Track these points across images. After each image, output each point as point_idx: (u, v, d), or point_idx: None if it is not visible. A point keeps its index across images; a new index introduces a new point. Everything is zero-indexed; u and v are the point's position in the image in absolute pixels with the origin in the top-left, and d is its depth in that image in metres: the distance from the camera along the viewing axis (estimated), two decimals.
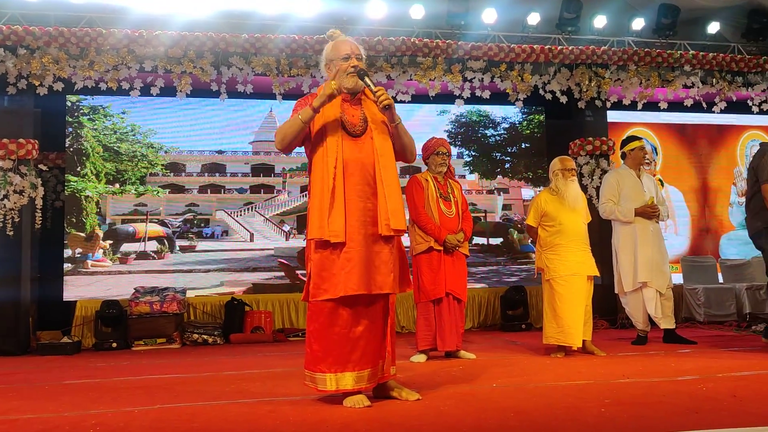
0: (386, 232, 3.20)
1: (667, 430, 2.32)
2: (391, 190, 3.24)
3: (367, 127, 3.31)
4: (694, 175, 9.29)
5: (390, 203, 3.22)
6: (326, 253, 3.18)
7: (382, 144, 3.30)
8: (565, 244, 5.14)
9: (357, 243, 3.17)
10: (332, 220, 3.14)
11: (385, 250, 3.25)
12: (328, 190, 3.16)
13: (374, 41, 7.17)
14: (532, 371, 4.31)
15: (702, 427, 2.35)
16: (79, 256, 7.61)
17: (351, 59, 3.33)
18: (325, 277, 3.17)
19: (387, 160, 3.28)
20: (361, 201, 3.21)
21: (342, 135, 3.25)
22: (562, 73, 7.79)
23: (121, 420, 3.00)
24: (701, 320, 7.74)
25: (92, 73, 6.84)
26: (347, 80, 3.31)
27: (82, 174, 7.68)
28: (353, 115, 3.32)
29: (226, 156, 8.27)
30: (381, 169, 3.25)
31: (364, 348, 3.19)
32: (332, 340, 3.16)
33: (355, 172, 3.21)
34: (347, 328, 3.17)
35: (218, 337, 6.99)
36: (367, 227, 3.20)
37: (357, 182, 3.21)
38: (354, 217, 3.18)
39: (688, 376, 3.91)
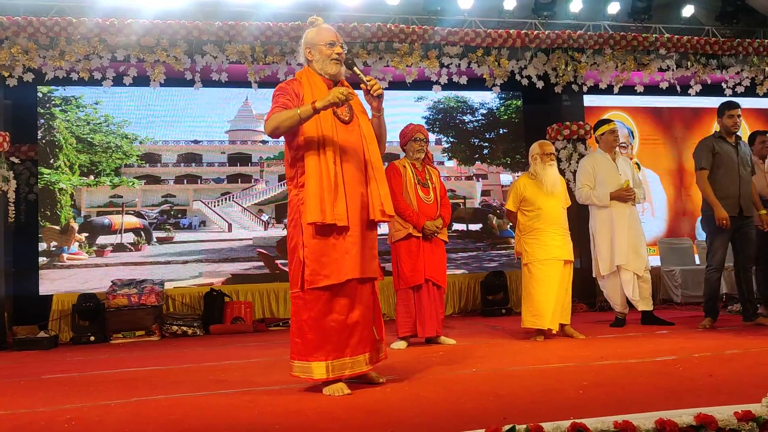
0: (380, 218, 3.26)
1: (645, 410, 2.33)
2: (380, 176, 3.31)
3: (353, 114, 3.36)
4: (670, 157, 9.35)
5: (382, 189, 3.28)
6: (325, 238, 3.16)
7: (369, 131, 3.36)
8: (543, 229, 5.16)
9: (358, 227, 3.21)
10: (337, 204, 3.14)
11: (373, 234, 3.34)
12: (328, 176, 3.14)
13: (350, 27, 7.12)
14: (511, 355, 4.33)
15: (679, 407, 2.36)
16: (54, 250, 7.51)
17: (336, 46, 3.35)
18: (325, 262, 3.14)
19: (374, 147, 3.35)
20: (357, 186, 3.25)
21: (335, 122, 3.26)
22: (539, 57, 7.80)
23: (97, 414, 2.96)
24: (678, 302, 7.82)
25: (63, 63, 6.73)
26: (331, 66, 3.33)
27: (55, 166, 7.57)
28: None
29: (202, 146, 8.19)
30: (371, 156, 3.31)
31: (361, 333, 3.23)
32: (330, 327, 3.15)
33: (348, 157, 3.24)
34: (344, 314, 3.18)
35: (198, 328, 6.94)
36: (363, 212, 3.25)
37: (352, 168, 3.24)
38: (354, 201, 3.21)
39: (666, 356, 3.95)
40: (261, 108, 8.30)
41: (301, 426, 2.57)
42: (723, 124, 5.62)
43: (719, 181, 5.50)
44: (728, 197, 5.46)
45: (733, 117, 5.56)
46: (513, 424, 2.08)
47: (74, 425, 2.76)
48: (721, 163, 5.51)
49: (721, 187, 5.48)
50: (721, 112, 5.64)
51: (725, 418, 2.18)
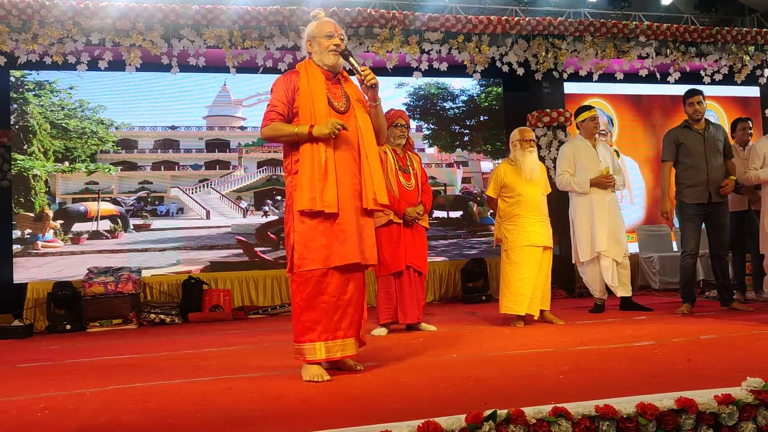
0: (372, 206, 3.32)
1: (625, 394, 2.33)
2: (375, 166, 3.36)
3: (350, 104, 3.42)
4: (649, 145, 9.41)
5: (376, 179, 3.34)
6: (313, 224, 3.22)
7: (365, 122, 3.41)
8: (523, 215, 5.16)
9: (348, 215, 3.26)
10: (326, 192, 3.20)
11: (369, 223, 3.39)
12: (319, 163, 3.21)
13: (329, 12, 7.03)
14: (491, 341, 4.32)
15: (658, 390, 2.37)
16: (28, 237, 7.38)
17: (334, 38, 3.40)
18: (312, 248, 3.21)
19: (370, 138, 3.41)
20: (349, 175, 3.30)
21: (330, 111, 3.32)
22: (519, 44, 7.78)
23: (72, 402, 2.91)
24: (657, 288, 7.89)
25: (36, 46, 6.58)
26: (328, 57, 3.39)
27: (29, 152, 7.42)
28: (335, 93, 3.41)
29: (180, 131, 8.07)
30: (365, 146, 3.36)
31: (352, 316, 3.29)
32: (322, 309, 3.21)
33: (342, 146, 3.30)
34: (336, 296, 3.23)
35: (176, 316, 6.87)
36: (355, 200, 3.30)
37: (345, 157, 3.30)
38: (345, 189, 3.27)
39: (644, 341, 3.97)
40: (239, 93, 8.21)
41: (280, 412, 2.54)
42: (686, 112, 5.71)
43: (687, 170, 5.58)
44: (696, 185, 5.54)
45: (692, 105, 5.63)
46: (494, 409, 2.07)
47: (48, 414, 2.71)
48: (687, 152, 5.59)
49: (689, 175, 5.56)
50: (683, 100, 5.74)
51: (706, 401, 2.18)
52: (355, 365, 3.39)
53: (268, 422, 2.40)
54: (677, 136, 5.68)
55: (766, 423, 2.22)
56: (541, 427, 2.06)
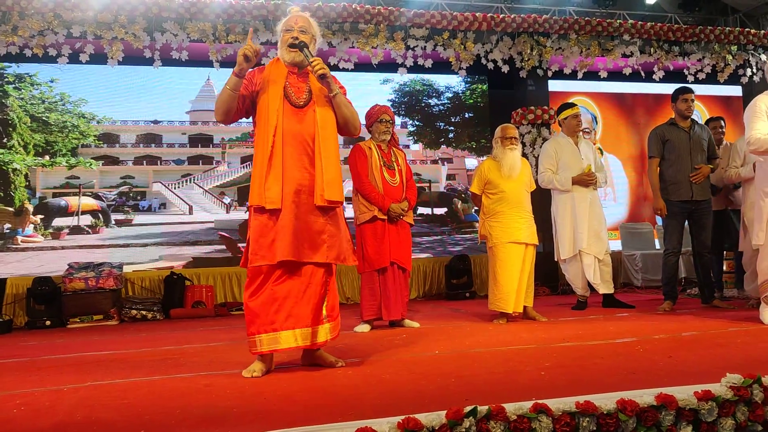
0: (320, 203, 3.26)
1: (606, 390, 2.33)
2: (328, 162, 3.29)
3: (311, 99, 3.36)
4: (633, 143, 9.46)
5: (326, 174, 3.27)
6: (264, 219, 3.25)
7: (324, 116, 3.34)
8: (506, 212, 5.16)
9: (290, 211, 3.22)
10: (269, 187, 3.21)
11: (320, 220, 3.30)
12: (266, 159, 3.22)
13: (314, 7, 7.02)
14: (474, 338, 4.32)
15: (638, 387, 2.37)
16: (8, 232, 7.29)
17: (293, 31, 3.37)
18: (262, 243, 3.23)
19: (328, 132, 3.33)
20: (298, 171, 3.26)
21: (284, 105, 3.29)
22: (504, 42, 7.79)
23: (48, 399, 2.86)
24: (639, 285, 7.94)
25: (16, 38, 6.49)
26: (286, 53, 3.38)
27: (8, 146, 7.32)
28: (299, 87, 3.36)
29: (162, 126, 8.00)
30: (320, 141, 3.29)
31: (291, 309, 3.22)
32: (261, 302, 3.23)
33: (293, 142, 3.26)
34: (275, 290, 3.23)
35: (158, 312, 6.81)
36: (302, 196, 3.26)
37: (295, 152, 3.26)
38: (290, 185, 3.24)
39: (626, 338, 3.98)
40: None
41: (260, 409, 2.51)
42: (677, 109, 5.73)
43: (671, 167, 5.62)
44: (680, 182, 5.59)
45: (686, 101, 5.67)
46: (475, 405, 2.05)
47: (23, 410, 2.67)
48: (673, 149, 5.62)
49: (673, 172, 5.61)
50: (675, 96, 5.77)
51: (685, 397, 2.18)
52: (336, 361, 3.37)
53: (247, 419, 2.38)
54: (663, 132, 5.71)
55: (744, 419, 2.22)
56: (521, 424, 2.05)
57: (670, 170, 5.63)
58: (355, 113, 3.49)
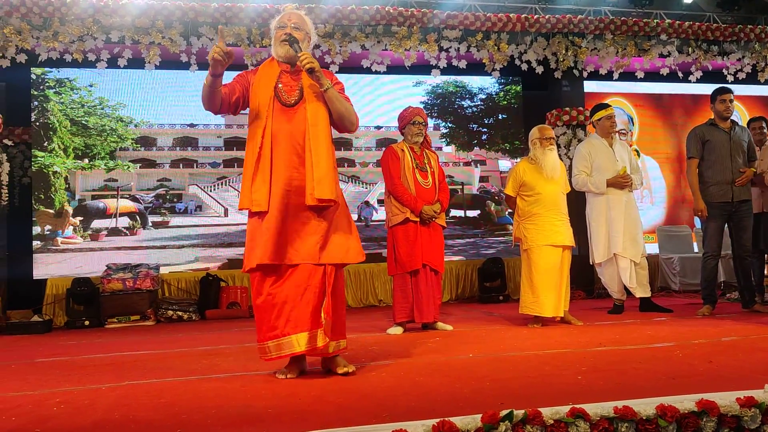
0: (311, 202, 3.16)
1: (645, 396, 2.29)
2: (318, 159, 3.18)
3: (303, 96, 3.28)
4: (670, 144, 9.30)
5: (316, 172, 3.16)
6: (255, 222, 3.22)
7: (316, 113, 3.25)
8: (543, 214, 5.11)
9: (277, 212, 3.15)
10: (255, 189, 3.17)
11: (312, 220, 3.20)
12: (254, 160, 3.18)
13: (348, 10, 7.04)
14: (508, 341, 4.29)
15: (678, 392, 2.32)
16: (48, 233, 7.45)
17: (286, 28, 3.33)
18: (252, 246, 3.21)
19: (319, 130, 3.23)
20: (287, 171, 3.17)
21: (274, 105, 3.23)
22: (539, 42, 7.72)
23: (87, 397, 2.92)
24: (677, 289, 7.80)
25: (56, 44, 6.63)
26: (279, 48, 3.33)
27: (49, 149, 7.49)
28: (290, 86, 3.29)
29: (198, 129, 8.10)
30: (310, 139, 3.21)
31: (289, 313, 3.14)
32: (263, 308, 3.19)
33: (283, 141, 3.19)
34: (273, 294, 3.16)
35: (193, 313, 6.90)
36: (291, 197, 3.17)
37: (284, 152, 3.18)
38: (278, 186, 3.16)
39: (664, 343, 3.91)
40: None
41: (294, 410, 2.52)
42: (715, 110, 5.63)
43: (711, 168, 5.52)
44: (720, 183, 5.49)
45: (725, 102, 5.56)
46: (510, 409, 2.03)
47: (63, 408, 2.72)
48: (712, 149, 5.52)
49: (713, 173, 5.50)
50: (713, 97, 5.67)
51: (727, 404, 2.14)
52: (346, 366, 3.24)
53: (283, 419, 2.39)
54: (703, 133, 5.60)
55: None
56: (558, 428, 2.03)
57: (710, 171, 5.52)
58: (351, 108, 3.36)
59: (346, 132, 3.47)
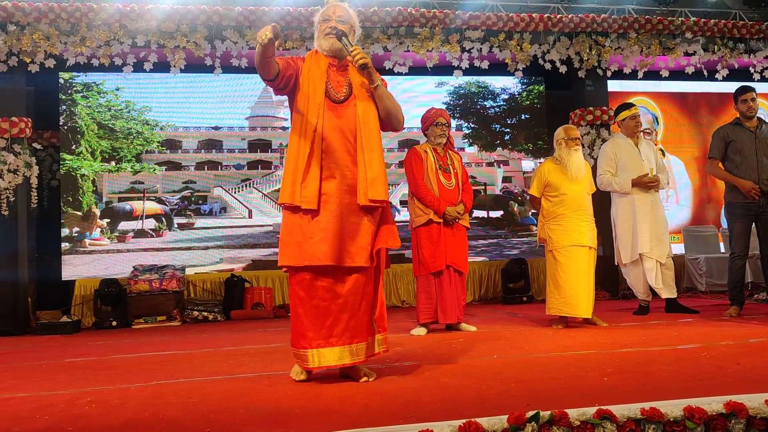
0: (364, 202, 3.08)
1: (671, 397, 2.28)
2: (371, 158, 3.12)
3: (352, 93, 3.21)
4: (696, 144, 9.20)
5: (369, 172, 3.09)
6: (294, 219, 3.09)
7: (366, 111, 3.19)
8: (568, 215, 5.08)
9: (330, 212, 3.06)
10: (306, 186, 3.05)
11: (364, 221, 3.12)
12: (304, 156, 3.06)
13: (370, 12, 7.07)
14: (533, 342, 4.27)
15: (706, 394, 2.31)
16: (76, 235, 7.56)
17: (331, 21, 3.24)
18: (287, 242, 3.10)
19: (369, 128, 3.17)
20: (338, 169, 3.10)
21: (325, 101, 3.14)
22: (562, 42, 7.68)
23: (117, 396, 2.97)
24: (703, 290, 7.71)
25: (84, 49, 6.74)
26: (324, 41, 3.24)
27: (77, 152, 7.61)
28: (338, 82, 3.22)
29: (223, 132, 8.18)
30: (363, 137, 3.14)
31: (347, 322, 3.05)
32: (313, 314, 3.06)
33: (334, 139, 3.11)
34: (327, 300, 3.05)
35: (218, 314, 6.97)
36: (344, 196, 3.09)
37: (336, 149, 3.10)
38: (331, 185, 3.09)
39: (691, 344, 3.88)
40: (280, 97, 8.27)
41: (321, 410, 2.55)
42: (739, 110, 5.59)
43: (737, 168, 5.46)
44: None
45: (746, 102, 5.50)
46: (537, 411, 2.04)
47: (94, 407, 2.77)
48: (738, 150, 5.46)
49: (738, 173, 5.44)
50: (735, 98, 5.63)
51: (756, 406, 2.12)
52: (368, 374, 3.15)
53: (310, 419, 2.41)
54: (727, 133, 5.55)
55: None
56: (584, 430, 2.03)
57: (736, 171, 5.45)
58: (398, 106, 3.31)
59: (392, 130, 3.40)
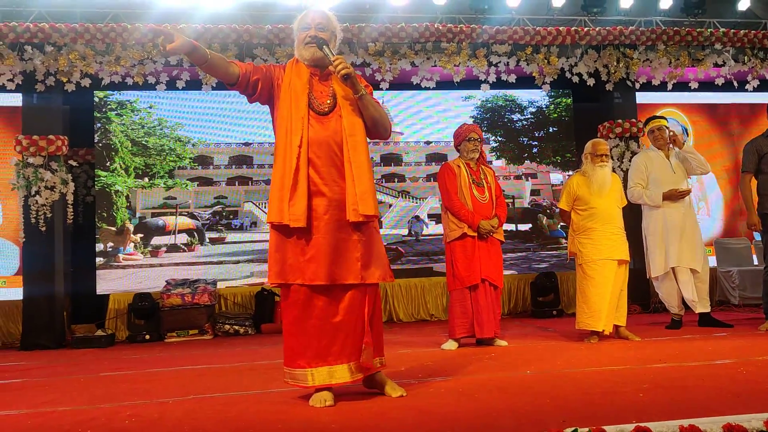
0: (354, 218, 2.98)
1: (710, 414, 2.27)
2: (360, 172, 3.01)
3: (336, 104, 3.10)
4: (726, 155, 9.09)
5: (358, 186, 2.99)
6: (283, 236, 3.01)
7: (352, 123, 3.07)
8: (598, 228, 5.06)
9: (318, 230, 2.99)
10: (293, 204, 2.95)
11: (352, 237, 3.04)
12: (290, 172, 2.96)
13: (397, 28, 7.13)
14: (565, 357, 4.26)
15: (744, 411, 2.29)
16: (110, 250, 7.70)
17: (310, 29, 3.14)
18: (276, 258, 3.03)
19: (357, 140, 3.05)
20: (326, 184, 3.01)
21: (309, 113, 3.03)
22: (589, 54, 7.66)
23: (155, 411, 3.02)
24: (736, 303, 7.60)
25: (118, 68, 6.89)
26: (304, 51, 3.14)
27: (111, 169, 7.76)
28: (321, 92, 3.12)
29: (253, 148, 8.29)
30: (350, 150, 3.02)
31: (344, 340, 3.00)
32: (309, 333, 2.99)
33: (321, 153, 3.01)
34: (324, 319, 2.99)
35: (249, 327, 7.04)
36: (332, 212, 3.01)
37: (323, 164, 3.01)
38: (319, 201, 3.00)
39: (726, 359, 3.83)
40: None
41: (357, 425, 2.57)
42: None
43: None
44: None
45: None
46: (575, 427, 2.05)
47: (134, 422, 2.82)
48: None
49: None
50: None
51: None
52: (394, 389, 3.11)
53: None
54: (761, 145, 5.49)
55: None
56: None
57: None
58: (384, 113, 3.20)
59: (380, 138, 3.27)
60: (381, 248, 3.18)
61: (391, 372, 3.55)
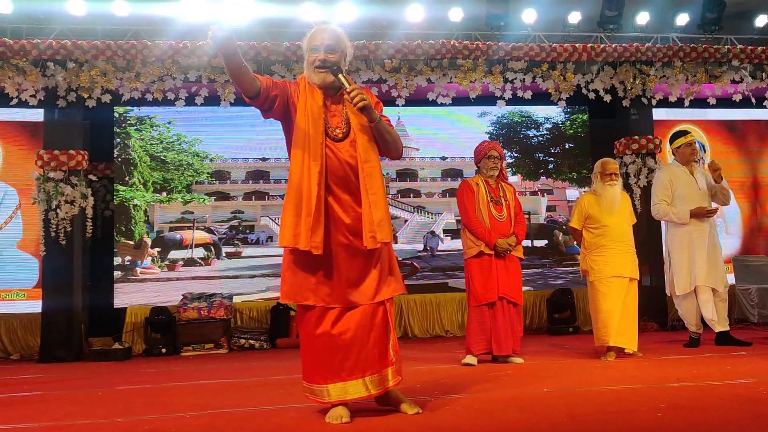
0: (372, 245, 2.95)
1: None
2: (376, 199, 2.97)
3: (350, 129, 3.05)
4: (745, 172, 9.03)
5: (375, 213, 2.95)
6: (298, 258, 2.98)
7: (366, 148, 3.02)
8: (610, 246, 5.07)
9: (337, 255, 2.98)
10: (315, 232, 2.90)
11: (368, 262, 3.02)
12: (309, 198, 2.92)
13: (414, 45, 7.18)
14: (582, 375, 4.23)
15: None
16: (128, 264, 7.77)
17: (319, 51, 3.05)
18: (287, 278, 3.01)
19: (371, 166, 3.00)
20: (345, 212, 2.98)
21: (324, 139, 2.99)
22: (606, 71, 7.67)
23: (173, 425, 3.03)
24: (755, 321, 7.51)
25: (138, 84, 6.99)
26: (315, 76, 3.05)
27: (130, 183, 7.85)
28: (335, 116, 3.07)
29: (270, 163, 8.36)
30: (365, 177, 2.97)
31: (358, 355, 2.97)
32: (321, 350, 2.98)
33: (338, 179, 2.98)
34: (336, 336, 2.96)
35: (265, 342, 7.06)
36: (349, 238, 2.98)
37: (339, 191, 2.99)
38: (336, 228, 2.97)
39: (746, 379, 3.79)
40: None
41: None
42: None
43: None
44: None
45: None
46: None
47: None
48: None
49: None
50: None
51: None
52: (411, 407, 3.06)
53: None
54: None
55: None
56: None
57: None
58: (397, 135, 3.16)
59: (391, 159, 3.25)
60: (394, 262, 3.17)
61: (407, 388, 3.55)
